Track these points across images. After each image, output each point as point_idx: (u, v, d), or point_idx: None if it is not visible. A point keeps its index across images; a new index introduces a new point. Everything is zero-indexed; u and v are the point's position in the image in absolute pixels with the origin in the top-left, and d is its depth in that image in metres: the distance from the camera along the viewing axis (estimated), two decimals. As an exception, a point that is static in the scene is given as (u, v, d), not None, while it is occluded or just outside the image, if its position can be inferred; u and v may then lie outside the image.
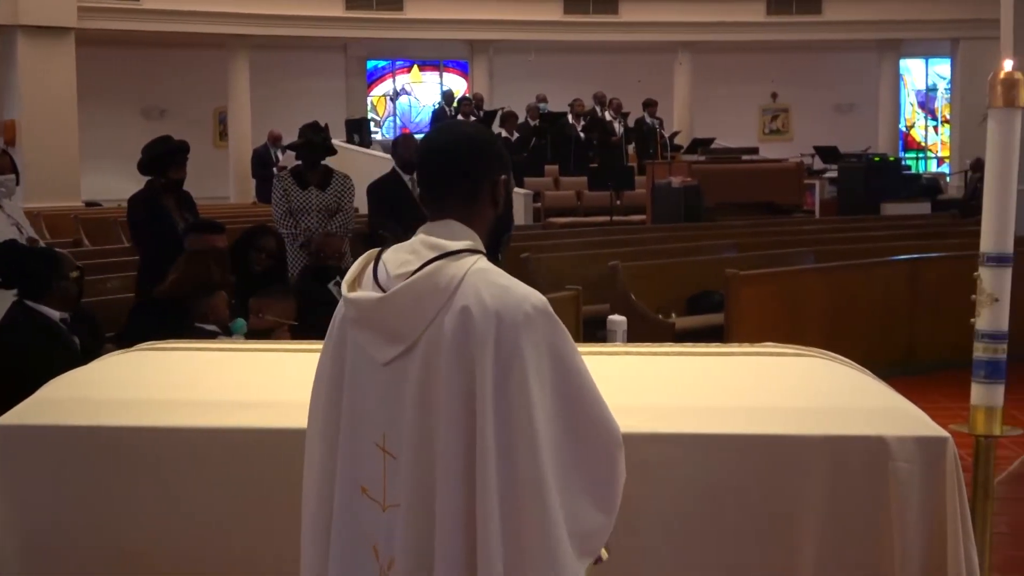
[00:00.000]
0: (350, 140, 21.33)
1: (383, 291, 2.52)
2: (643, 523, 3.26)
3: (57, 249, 6.37)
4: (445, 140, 2.65)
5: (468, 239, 2.54)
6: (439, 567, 2.41)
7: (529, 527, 2.37)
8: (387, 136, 26.09)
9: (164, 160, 8.05)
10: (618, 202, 18.14)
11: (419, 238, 2.57)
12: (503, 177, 2.65)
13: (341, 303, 2.63)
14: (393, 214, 9.10)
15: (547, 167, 19.98)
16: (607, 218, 17.29)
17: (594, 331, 8.68)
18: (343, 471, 2.57)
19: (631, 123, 20.96)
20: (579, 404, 2.46)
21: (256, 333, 6.12)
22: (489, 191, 2.62)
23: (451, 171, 2.59)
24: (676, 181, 16.45)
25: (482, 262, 2.50)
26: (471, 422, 2.39)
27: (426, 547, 2.43)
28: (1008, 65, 2.80)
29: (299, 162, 9.07)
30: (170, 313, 6.19)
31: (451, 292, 2.44)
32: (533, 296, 2.46)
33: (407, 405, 2.47)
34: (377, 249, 2.65)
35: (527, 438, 2.37)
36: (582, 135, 20.32)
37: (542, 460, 2.37)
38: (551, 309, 2.46)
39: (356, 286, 2.61)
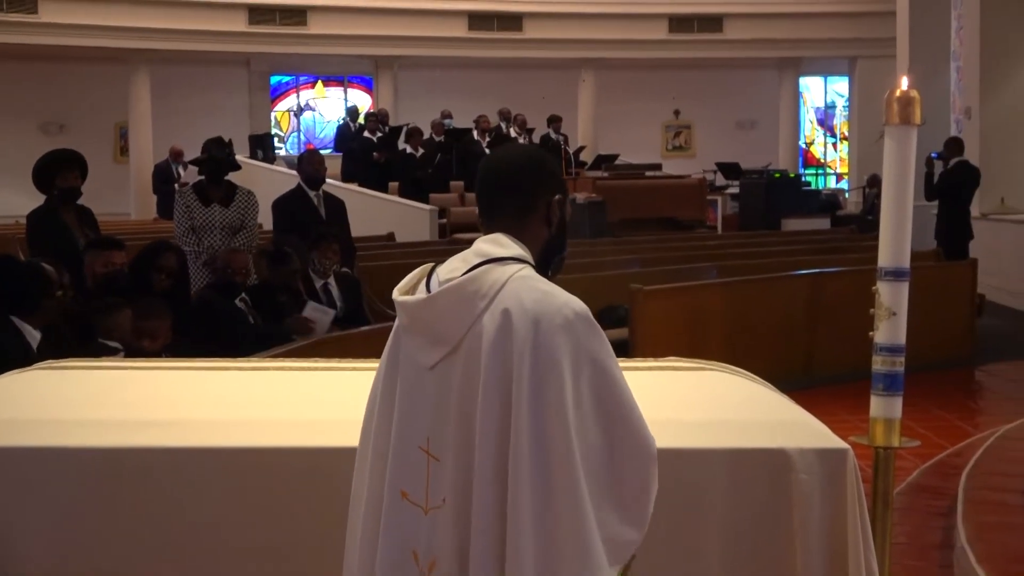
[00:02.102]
0: (254, 156, 21.12)
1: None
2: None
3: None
4: (501, 157, 2.73)
5: (514, 250, 2.57)
6: (472, 566, 2.43)
7: (563, 528, 2.38)
8: (291, 152, 25.91)
9: (49, 170, 7.89)
10: (523, 218, 18.15)
11: (472, 248, 2.61)
12: (557, 197, 2.67)
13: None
14: (298, 230, 9.03)
15: (452, 183, 19.95)
16: (513, 234, 17.28)
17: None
18: (391, 477, 2.59)
19: (536, 139, 21.02)
20: (616, 412, 2.47)
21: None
22: (543, 209, 2.65)
23: (504, 186, 2.65)
24: (580, 197, 16.54)
25: (527, 270, 2.54)
26: (507, 424, 2.40)
27: (466, 546, 2.45)
28: (904, 83, 2.85)
29: (202, 178, 8.96)
30: (74, 330, 6.09)
31: (492, 296, 2.47)
32: (574, 302, 2.48)
33: (451, 406, 2.49)
34: (431, 264, 2.69)
35: (562, 441, 2.38)
36: (487, 151, 20.32)
37: (576, 463, 2.38)
38: (592, 316, 2.48)
39: (411, 294, 2.65)
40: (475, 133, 20.54)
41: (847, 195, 25.38)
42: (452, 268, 2.58)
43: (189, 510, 3.30)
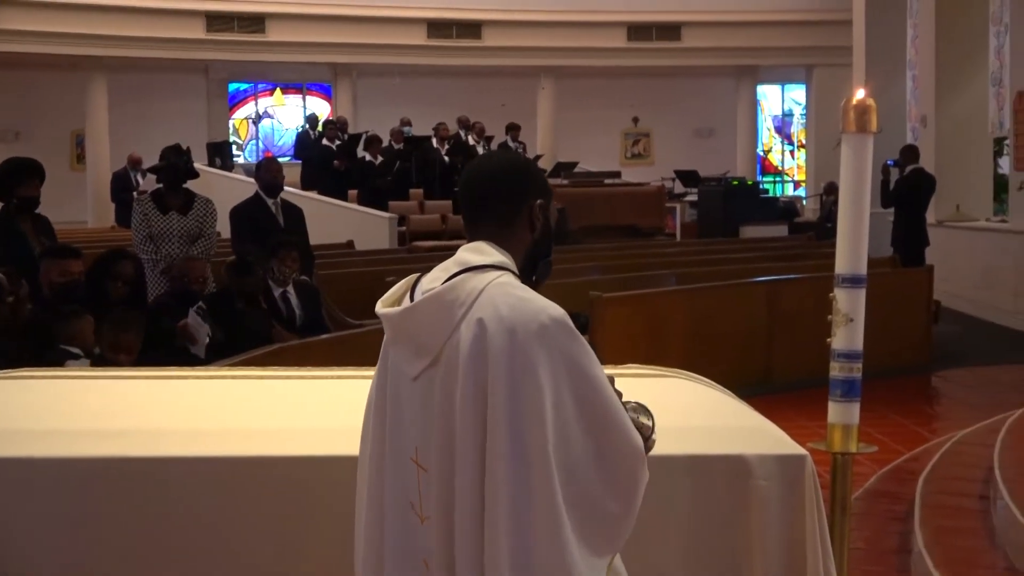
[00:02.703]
0: (212, 163, 21.01)
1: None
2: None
3: None
4: (483, 165, 2.73)
5: (495, 258, 2.57)
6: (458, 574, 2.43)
7: (538, 539, 2.38)
8: (249, 159, 25.79)
9: (10, 179, 7.83)
10: (483, 226, 18.16)
11: (453, 257, 2.60)
12: (540, 202, 2.69)
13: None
14: (256, 238, 8.99)
15: (412, 191, 19.94)
16: (472, 242, 17.29)
17: (460, 354, 8.68)
18: (389, 488, 2.59)
19: (495, 147, 21.03)
20: (600, 416, 2.46)
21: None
22: (526, 215, 2.66)
23: (486, 193, 2.65)
24: (540, 204, 16.52)
25: (505, 276, 2.53)
26: (483, 430, 2.40)
27: (452, 557, 2.46)
28: (860, 92, 2.87)
29: (160, 186, 8.91)
30: (34, 336, 6.05)
31: (469, 304, 2.46)
32: (551, 308, 2.47)
33: (433, 417, 2.49)
34: (418, 274, 2.67)
35: (539, 450, 2.38)
36: (447, 159, 20.32)
37: (552, 473, 2.38)
38: (570, 321, 2.47)
39: (395, 304, 2.63)
40: (434, 141, 20.52)
41: (804, 202, 25.54)
42: (434, 278, 2.58)
43: (159, 519, 3.28)
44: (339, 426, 3.69)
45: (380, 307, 2.63)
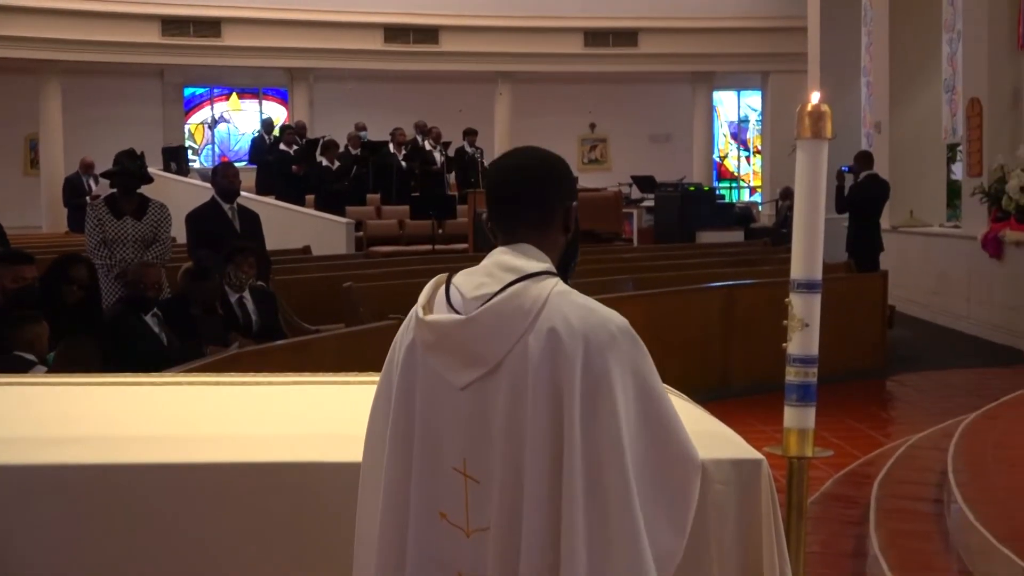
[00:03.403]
0: (167, 168, 20.90)
1: (457, 313, 2.50)
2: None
3: None
4: (521, 165, 2.64)
5: (543, 262, 2.53)
6: None
7: (617, 549, 2.36)
8: (205, 164, 25.68)
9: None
10: (440, 231, 18.17)
11: (493, 260, 2.55)
12: (575, 204, 2.65)
13: (407, 329, 2.59)
14: (212, 243, 8.96)
15: (369, 196, 19.91)
16: (429, 247, 17.29)
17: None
18: (419, 498, 2.52)
19: (452, 152, 21.03)
20: (660, 425, 2.46)
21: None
22: (561, 217, 2.62)
23: (526, 196, 2.59)
24: (497, 210, 16.52)
25: (562, 285, 2.50)
26: (558, 442, 2.37)
27: (516, 568, 2.41)
28: (815, 97, 2.88)
29: (114, 191, 8.86)
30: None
31: (535, 313, 2.42)
32: (616, 317, 2.47)
33: (492, 428, 2.44)
34: (446, 274, 2.62)
35: (616, 458, 2.37)
36: (403, 164, 20.30)
37: (630, 482, 2.37)
38: (634, 331, 2.46)
39: (428, 310, 2.56)
40: (391, 146, 20.50)
41: (760, 208, 25.68)
42: (478, 283, 2.52)
43: (117, 526, 3.26)
44: (298, 432, 3.67)
45: (423, 314, 2.54)
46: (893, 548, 5.71)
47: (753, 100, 29.58)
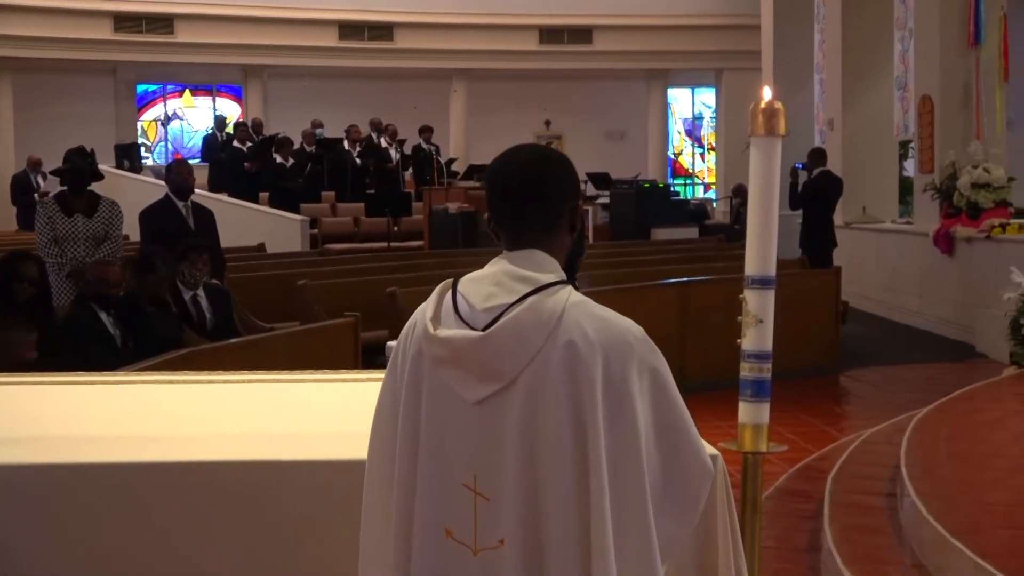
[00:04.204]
0: (120, 166, 20.75)
1: (468, 326, 2.43)
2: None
3: None
4: (526, 165, 2.55)
5: (554, 270, 2.48)
6: None
7: (636, 559, 2.38)
8: (158, 162, 25.49)
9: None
10: (395, 228, 18.14)
11: (500, 268, 2.48)
12: (580, 202, 2.61)
13: (410, 336, 2.53)
14: (166, 241, 8.90)
15: (324, 193, 19.84)
16: (385, 244, 17.27)
17: (373, 357, 8.65)
18: (424, 515, 2.47)
19: (408, 149, 21.00)
20: (676, 431, 2.47)
21: None
22: (568, 217, 2.56)
23: (533, 197, 2.51)
24: (453, 207, 16.54)
25: (576, 295, 2.44)
26: (582, 456, 2.35)
27: None
28: (768, 95, 2.89)
29: (64, 188, 8.78)
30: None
31: (553, 327, 2.37)
32: (633, 326, 2.45)
33: (507, 443, 2.39)
34: (450, 281, 2.53)
35: (637, 466, 2.37)
36: (359, 161, 20.25)
37: (647, 493, 2.39)
38: (650, 339, 2.45)
39: (437, 323, 2.48)
40: (346, 143, 20.44)
41: (715, 204, 25.80)
42: (488, 294, 2.45)
43: (72, 525, 3.23)
44: (252, 431, 3.66)
45: (432, 329, 2.46)
46: (847, 542, 5.75)
47: (707, 97, 29.70)
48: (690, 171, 30.57)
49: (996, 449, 7.06)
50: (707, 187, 29.97)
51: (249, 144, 20.35)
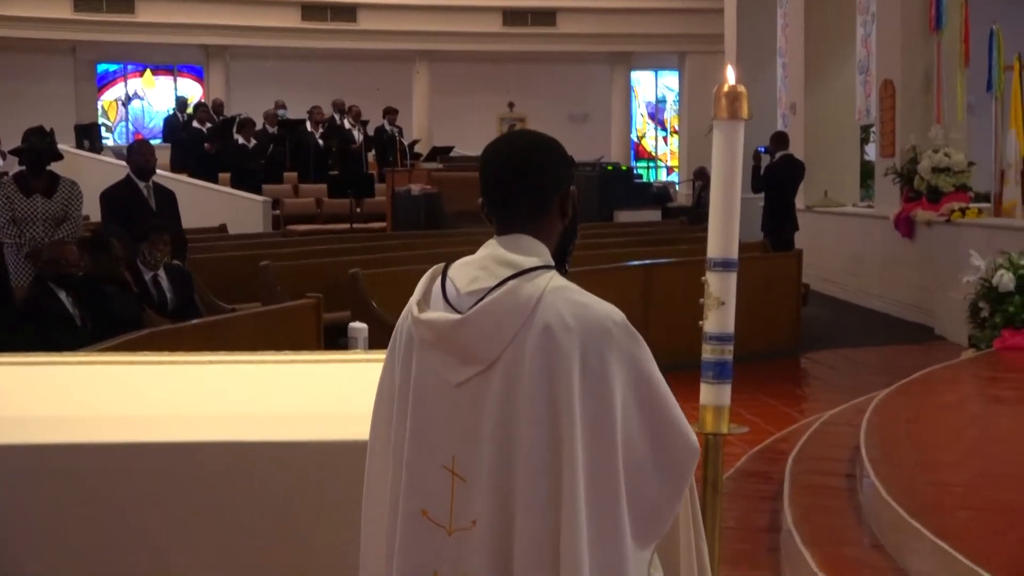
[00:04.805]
0: (80, 146, 20.58)
1: (454, 309, 2.44)
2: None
3: None
4: (517, 151, 2.56)
5: (539, 255, 2.48)
6: None
7: (607, 542, 2.38)
8: (119, 142, 25.31)
9: None
10: (358, 209, 18.09)
11: (488, 253, 2.51)
12: (572, 188, 2.60)
13: (406, 321, 2.54)
14: (127, 221, 8.85)
15: (286, 174, 19.76)
16: (347, 225, 17.21)
17: (335, 338, 8.63)
18: (406, 495, 2.49)
19: (371, 131, 20.94)
20: (659, 417, 2.46)
21: None
22: (558, 203, 2.56)
23: (522, 182, 2.52)
24: (416, 189, 16.51)
25: (557, 279, 2.45)
26: (556, 439, 2.35)
27: (504, 567, 2.39)
28: (731, 78, 2.90)
29: (23, 168, 8.72)
30: None
31: (529, 312, 2.38)
32: (613, 312, 2.45)
33: (484, 425, 2.41)
34: (441, 265, 2.56)
35: (611, 452, 2.37)
36: (321, 142, 20.18)
37: (620, 476, 2.39)
38: (631, 325, 2.45)
39: (425, 305, 2.51)
40: (308, 124, 20.36)
41: (678, 187, 25.85)
42: (472, 277, 2.48)
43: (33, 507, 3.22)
44: (214, 412, 3.65)
45: (417, 312, 2.49)
46: (807, 522, 5.79)
47: (670, 81, 29.75)
48: (653, 154, 30.62)
49: (954, 431, 7.13)
50: (670, 170, 30.03)
51: (209, 125, 20.24)
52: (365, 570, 2.66)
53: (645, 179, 26.56)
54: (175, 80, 27.68)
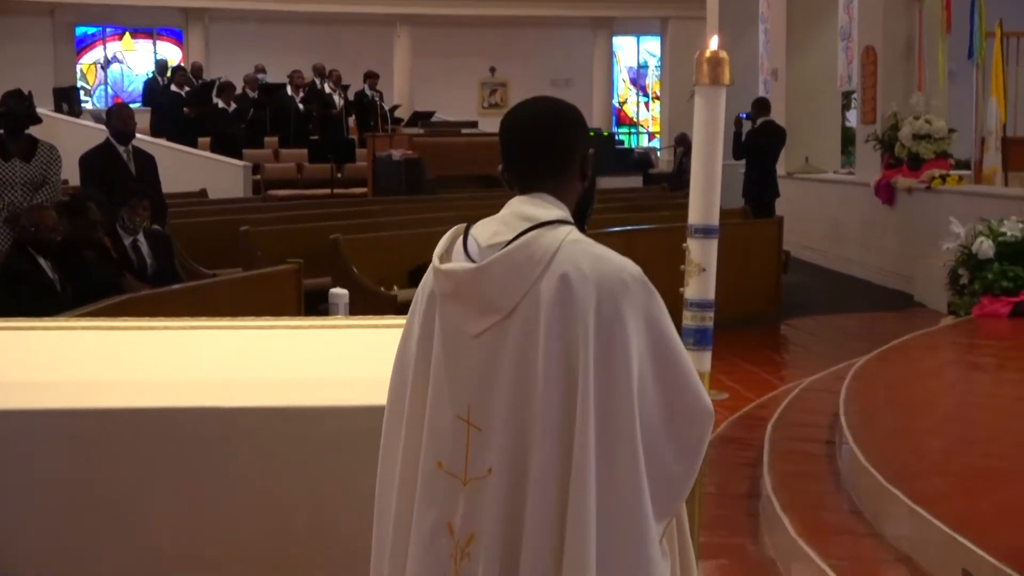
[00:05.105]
0: (59, 109, 20.44)
1: (473, 263, 2.49)
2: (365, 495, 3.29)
3: None
4: (538, 114, 2.62)
5: (560, 210, 2.53)
6: (529, 531, 2.39)
7: (624, 489, 2.39)
8: (98, 105, 25.13)
9: None
10: (339, 175, 18.03)
11: (511, 210, 2.55)
12: (591, 151, 2.63)
13: (428, 276, 2.59)
14: (106, 185, 8.80)
15: (267, 139, 19.67)
16: (328, 191, 17.16)
17: (316, 304, 8.62)
18: (425, 451, 2.53)
19: (351, 96, 20.84)
20: (674, 373, 2.48)
21: None
22: (579, 165, 2.61)
23: (546, 145, 2.58)
24: (397, 154, 16.46)
25: (575, 233, 2.49)
26: (571, 388, 2.38)
27: (517, 514, 2.41)
28: (714, 44, 2.89)
29: (1, 131, 8.65)
30: None
31: (547, 261, 2.43)
32: (629, 265, 2.49)
33: (500, 374, 2.45)
34: (464, 224, 2.59)
35: (627, 403, 2.39)
36: (302, 107, 20.08)
37: (636, 432, 2.39)
38: (647, 278, 2.48)
39: (446, 259, 2.56)
40: (289, 89, 20.26)
41: (659, 153, 25.82)
42: (493, 232, 2.53)
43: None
44: (194, 378, 3.64)
45: (438, 263, 2.54)
46: (786, 488, 5.82)
47: (652, 46, 29.65)
48: (634, 120, 30.55)
49: (932, 397, 7.17)
50: (651, 136, 29.97)
51: (187, 89, 20.12)
52: (380, 541, 2.66)
53: (627, 145, 26.51)
54: (154, 43, 27.49)
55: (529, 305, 2.43)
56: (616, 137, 23.70)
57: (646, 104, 30.58)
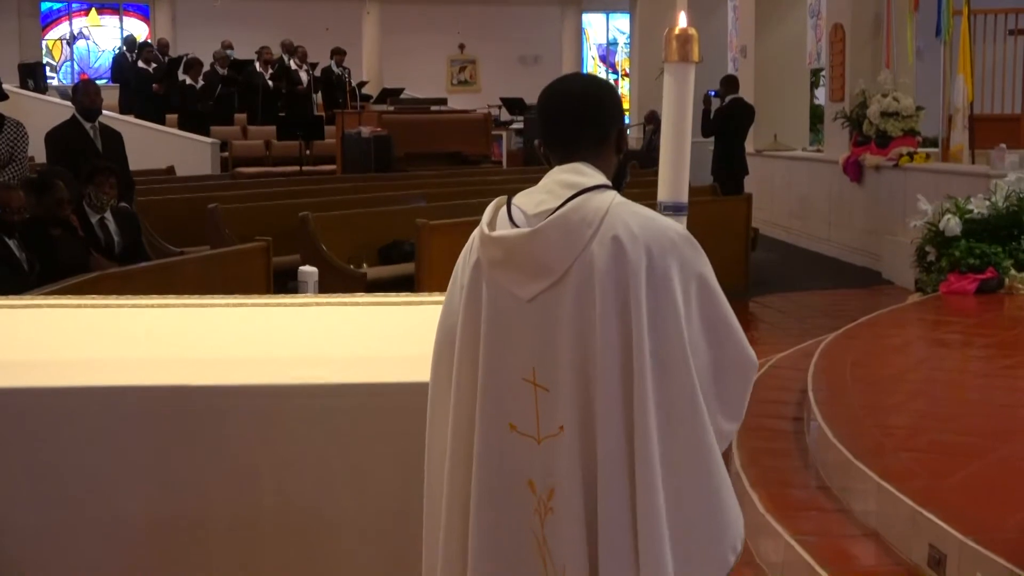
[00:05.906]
0: (24, 85, 20.27)
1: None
2: (334, 471, 3.28)
3: None
4: (579, 88, 2.70)
5: (601, 177, 2.62)
6: (600, 487, 2.47)
7: (686, 438, 2.49)
8: (64, 82, 24.93)
9: None
10: (308, 152, 17.97)
11: (553, 179, 2.63)
12: (625, 126, 2.71)
13: (470, 250, 2.67)
14: (72, 162, 8.75)
15: (235, 116, 19.56)
16: (297, 168, 17.10)
17: (285, 282, 8.59)
18: (487, 411, 2.59)
19: (319, 72, 20.75)
20: (721, 326, 2.59)
21: None
22: (615, 138, 2.70)
23: (586, 118, 2.66)
24: (366, 131, 16.41)
25: (620, 197, 2.58)
26: (627, 344, 2.46)
27: (591, 465, 2.49)
28: (683, 21, 2.89)
29: (-34, 108, 8.59)
30: None
31: (598, 224, 2.51)
32: (675, 225, 2.61)
33: (560, 335, 2.52)
34: (505, 196, 2.67)
35: (681, 357, 2.48)
36: (270, 84, 19.98)
37: (694, 381, 2.49)
38: (693, 237, 2.58)
39: (493, 228, 2.62)
40: (257, 65, 20.15)
41: (629, 131, 25.82)
42: (539, 200, 2.61)
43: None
44: (163, 356, 3.63)
45: (487, 230, 2.60)
46: (754, 465, 5.85)
47: (622, 23, 29.63)
48: (604, 97, 30.54)
49: (899, 374, 7.22)
50: (621, 113, 29.99)
51: (155, 65, 19.99)
52: (440, 498, 2.70)
53: (596, 122, 26.48)
54: (121, 19, 27.28)
55: (582, 268, 2.50)
56: (585, 114, 23.65)
57: (615, 81, 30.57)
